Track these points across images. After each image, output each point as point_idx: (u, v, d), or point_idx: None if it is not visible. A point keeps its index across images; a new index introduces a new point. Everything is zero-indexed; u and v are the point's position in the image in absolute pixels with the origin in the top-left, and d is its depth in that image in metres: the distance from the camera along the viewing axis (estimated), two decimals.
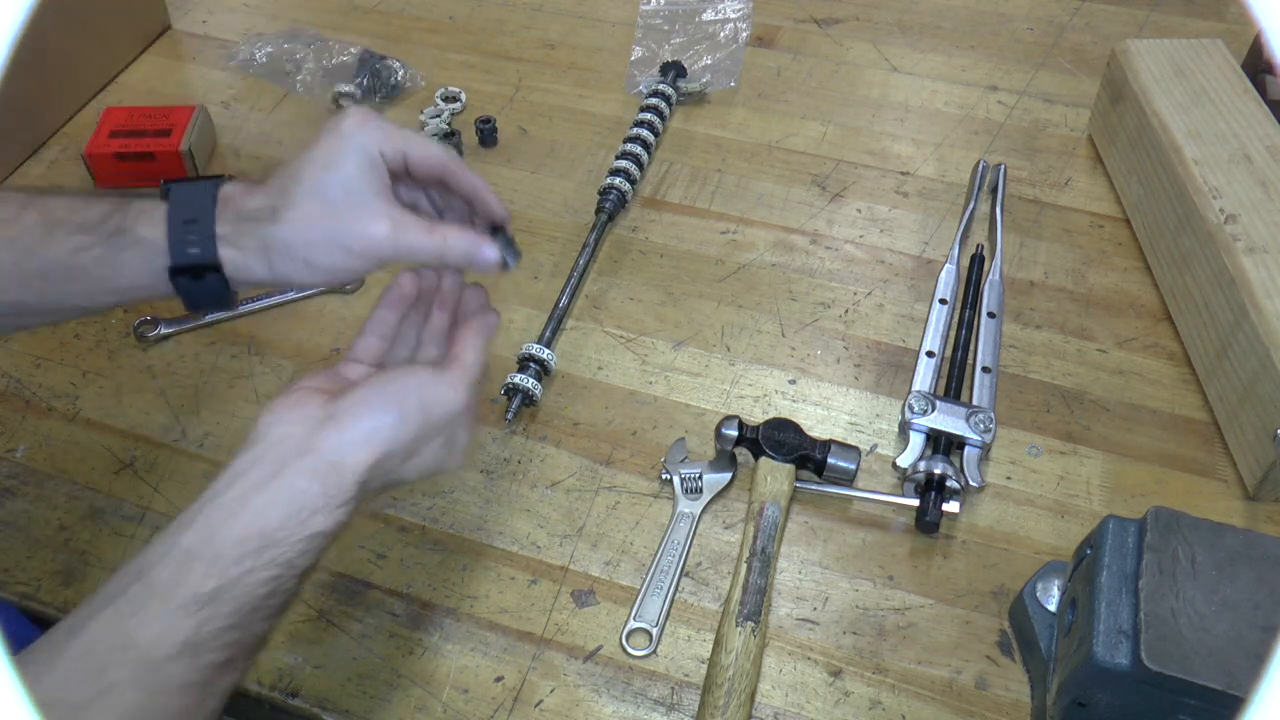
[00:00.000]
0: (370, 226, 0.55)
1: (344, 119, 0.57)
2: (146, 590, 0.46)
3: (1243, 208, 0.78)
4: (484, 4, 1.20)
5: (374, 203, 0.56)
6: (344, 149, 0.56)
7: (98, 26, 1.07)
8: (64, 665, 0.44)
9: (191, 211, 0.56)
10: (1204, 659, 0.50)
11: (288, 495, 0.49)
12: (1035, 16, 1.17)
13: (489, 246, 0.59)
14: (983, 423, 0.73)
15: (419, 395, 0.54)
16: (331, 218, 0.55)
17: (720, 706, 0.59)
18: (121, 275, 0.56)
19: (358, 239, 0.55)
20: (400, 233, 0.56)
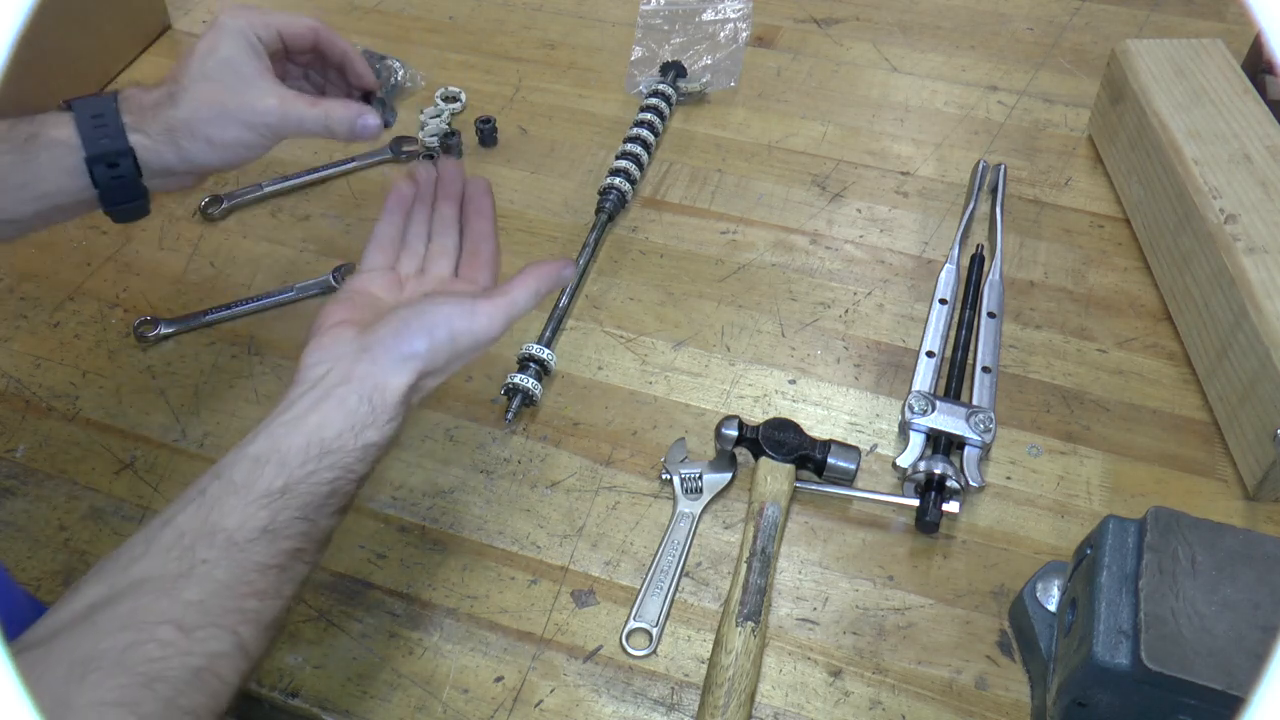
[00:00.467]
0: (259, 101, 0.63)
1: (222, 14, 0.65)
2: (225, 488, 0.51)
3: (1243, 208, 0.78)
4: (484, 4, 1.20)
5: (259, 81, 0.64)
6: (222, 36, 0.63)
7: (98, 26, 1.07)
8: (158, 549, 0.49)
9: (96, 109, 0.62)
10: (1204, 659, 0.50)
11: (341, 413, 0.55)
12: (1035, 16, 1.17)
13: (369, 114, 0.66)
14: (983, 423, 0.73)
15: (449, 326, 0.58)
16: (223, 95, 0.62)
17: (720, 706, 0.59)
18: (39, 178, 0.61)
19: (250, 112, 0.63)
20: (287, 105, 0.63)
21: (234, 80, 0.63)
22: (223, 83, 0.63)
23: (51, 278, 0.89)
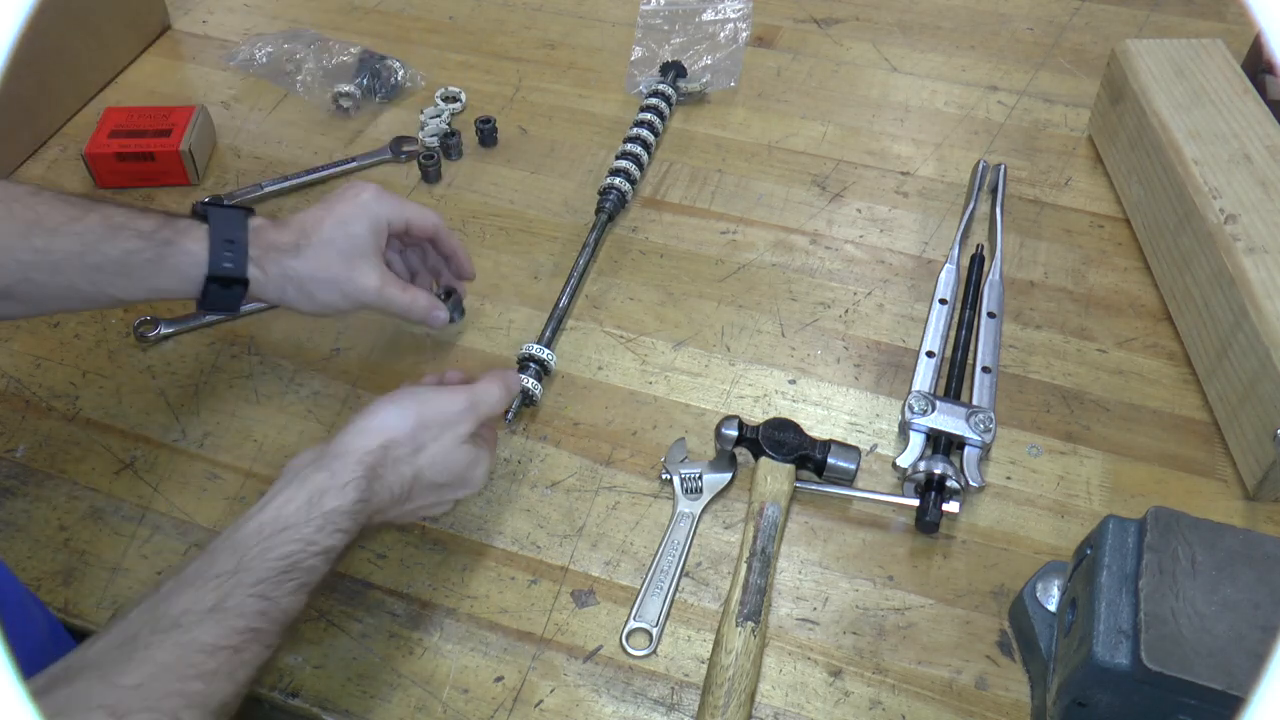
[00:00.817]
0: (365, 279, 0.70)
1: (365, 190, 0.72)
2: (178, 581, 0.51)
3: (1243, 208, 0.78)
4: (484, 4, 1.20)
5: (371, 260, 0.71)
6: (360, 214, 0.70)
7: (98, 26, 1.07)
8: (105, 641, 0.48)
9: (229, 233, 0.67)
10: (1204, 659, 0.50)
11: (303, 490, 0.55)
12: (1035, 16, 1.17)
13: (440, 309, 0.75)
14: (983, 423, 0.73)
15: (416, 397, 0.62)
16: (339, 267, 0.69)
17: (720, 706, 0.59)
18: (162, 277, 0.66)
19: (354, 287, 0.70)
20: (385, 288, 0.71)
21: (353, 254, 0.70)
22: (343, 254, 0.69)
23: None
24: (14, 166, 0.99)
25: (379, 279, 0.71)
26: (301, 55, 1.09)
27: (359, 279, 0.70)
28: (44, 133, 1.02)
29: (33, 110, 1.01)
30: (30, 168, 0.99)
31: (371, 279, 0.70)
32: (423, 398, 0.62)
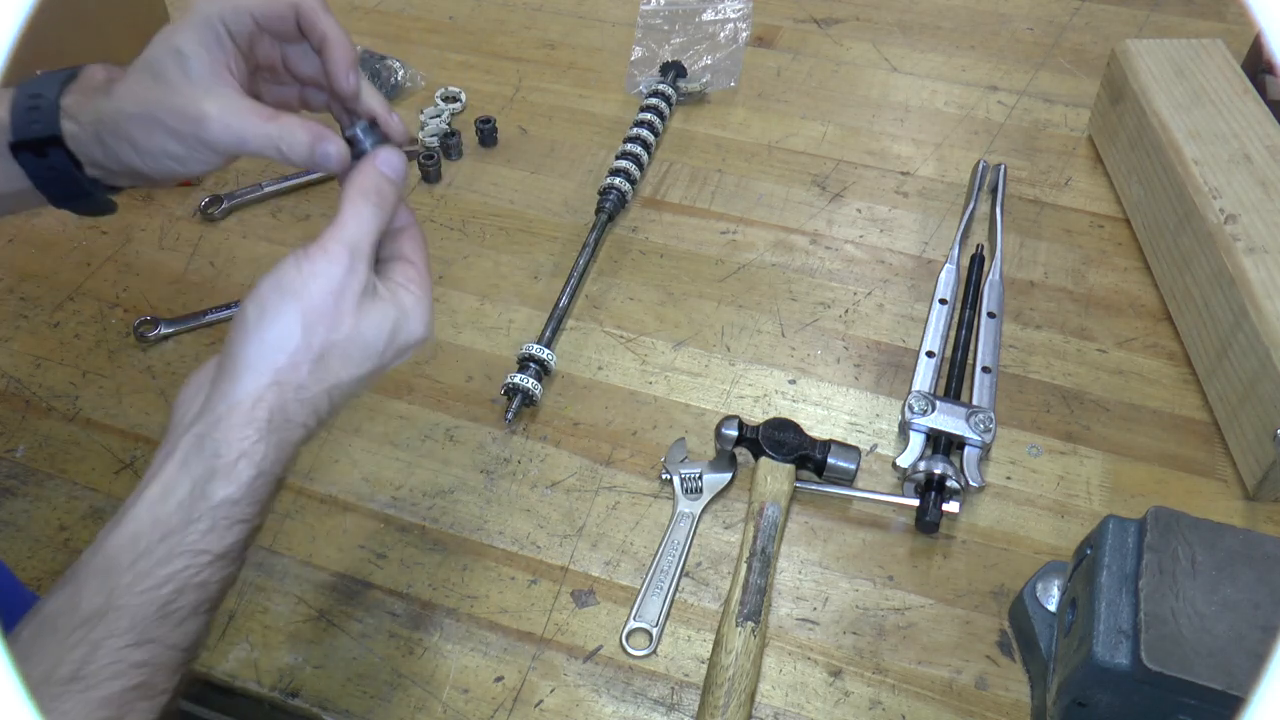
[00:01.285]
0: (195, 104, 0.50)
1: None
2: (39, 625, 0.40)
3: (1243, 208, 0.78)
4: (484, 4, 1.20)
5: (205, 84, 0.50)
6: (185, 24, 0.52)
7: (98, 26, 1.07)
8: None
9: (38, 88, 0.53)
10: (1204, 659, 0.50)
11: (183, 472, 0.42)
12: (1035, 16, 1.17)
13: (330, 140, 0.51)
14: (983, 423, 0.73)
15: (285, 288, 0.46)
16: (156, 93, 0.50)
17: (720, 706, 0.59)
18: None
19: (178, 118, 0.50)
20: (229, 115, 0.50)
21: (177, 78, 0.51)
22: (163, 79, 0.51)
23: (51, 278, 0.89)
24: None
25: (218, 103, 0.50)
26: None
27: (183, 106, 0.50)
28: None
29: None
30: None
31: (206, 103, 0.50)
32: (293, 283, 0.46)
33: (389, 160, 0.52)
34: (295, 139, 0.51)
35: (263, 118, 0.51)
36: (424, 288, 0.51)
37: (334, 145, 0.52)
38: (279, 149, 0.51)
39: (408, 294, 0.50)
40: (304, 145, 0.51)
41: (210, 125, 0.50)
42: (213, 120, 0.50)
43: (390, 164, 0.52)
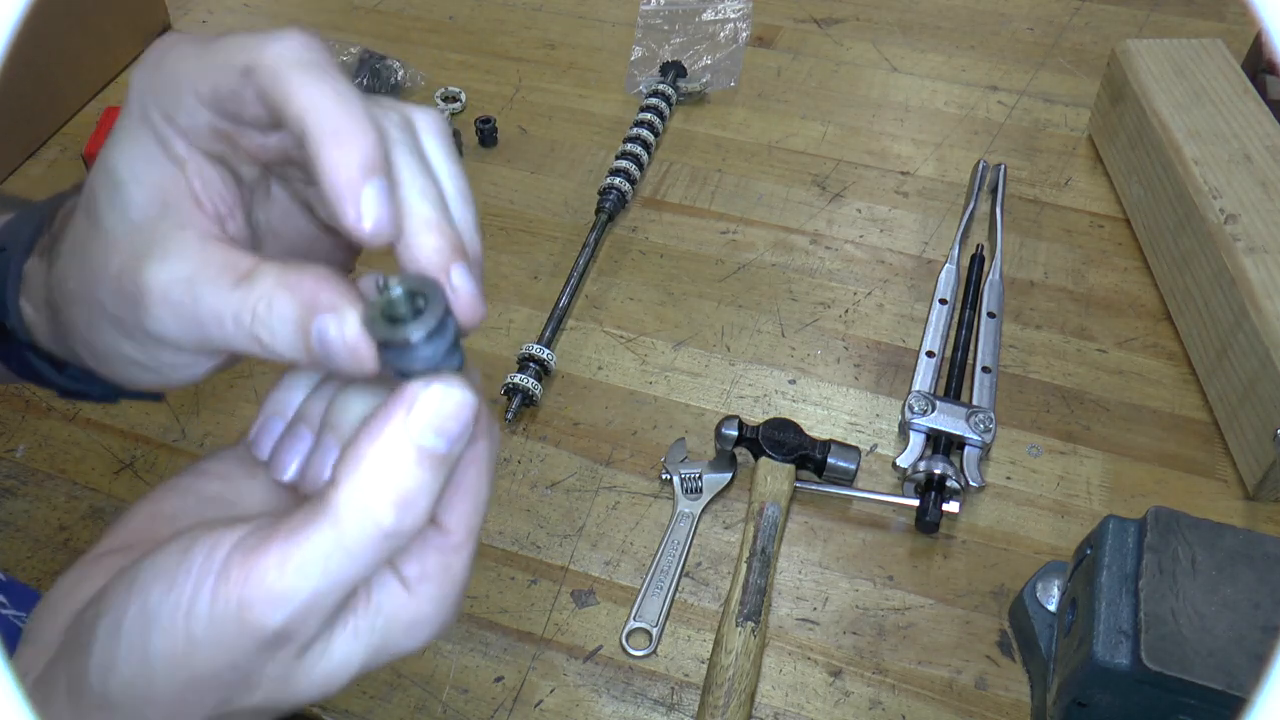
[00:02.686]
0: (132, 271, 0.30)
1: (140, 65, 0.31)
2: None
3: (1243, 208, 0.78)
4: (484, 4, 1.20)
5: (152, 222, 0.31)
6: (122, 116, 0.31)
7: (98, 26, 1.07)
8: None
9: (7, 238, 0.37)
10: (1204, 659, 0.50)
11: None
12: (1035, 16, 1.17)
13: (339, 315, 0.28)
14: (983, 423, 0.73)
15: (144, 624, 0.28)
16: (93, 250, 0.31)
17: (720, 706, 0.59)
18: None
19: (118, 298, 0.30)
20: (178, 286, 0.30)
21: (112, 222, 0.31)
22: (98, 225, 0.31)
23: None
24: (14, 167, 0.99)
25: (169, 267, 0.30)
26: None
27: (126, 276, 0.30)
28: (44, 133, 1.02)
29: (33, 110, 1.01)
30: (30, 168, 0.99)
31: (150, 269, 0.30)
32: (173, 619, 0.27)
33: (447, 409, 0.28)
34: (275, 316, 0.29)
35: (229, 282, 0.29)
36: (451, 578, 0.31)
37: (340, 324, 0.28)
38: (257, 338, 0.29)
39: (412, 599, 0.30)
40: (289, 325, 0.29)
41: (151, 309, 0.30)
42: (153, 298, 0.29)
43: (452, 416, 0.28)
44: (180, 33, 0.33)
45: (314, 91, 0.29)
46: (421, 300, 0.29)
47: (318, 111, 0.29)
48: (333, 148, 0.28)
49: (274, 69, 0.29)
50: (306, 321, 0.29)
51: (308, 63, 0.29)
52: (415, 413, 0.28)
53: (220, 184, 0.32)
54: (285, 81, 0.29)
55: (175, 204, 0.31)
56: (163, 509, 0.33)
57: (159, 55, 0.31)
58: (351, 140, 0.28)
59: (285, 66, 0.29)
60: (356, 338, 0.28)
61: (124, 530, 0.33)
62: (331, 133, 0.28)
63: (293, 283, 0.29)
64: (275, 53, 0.29)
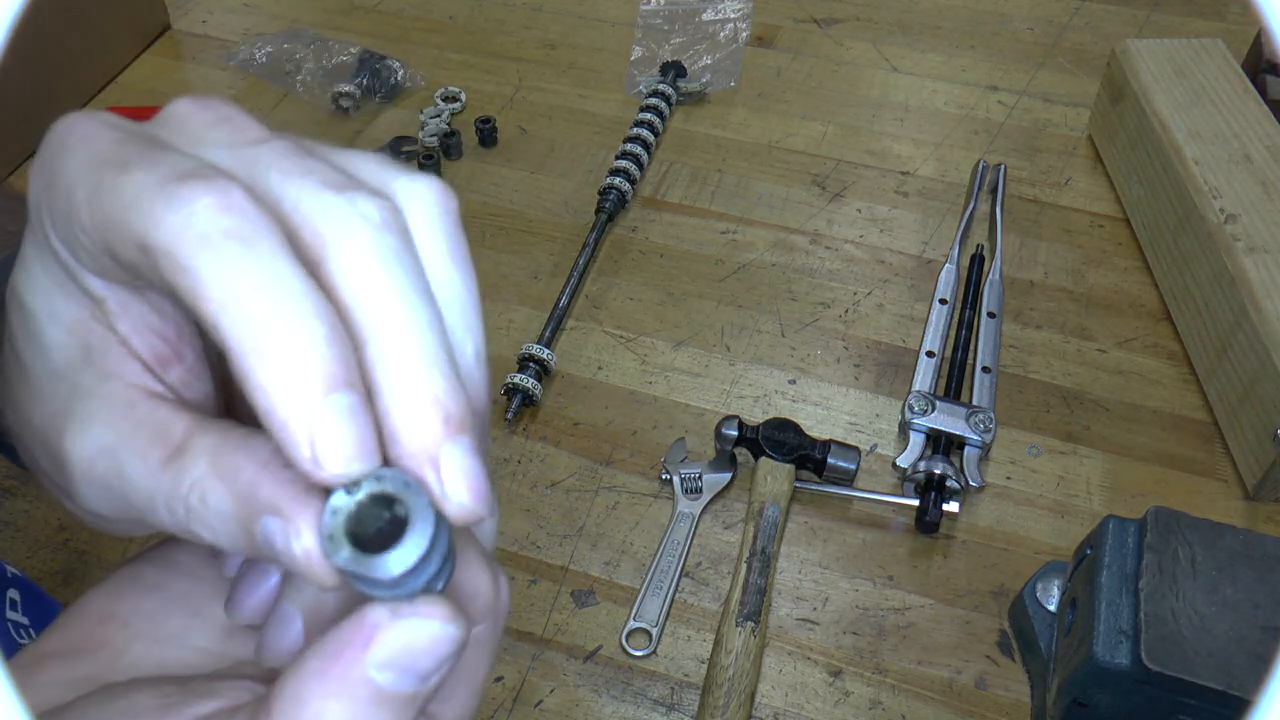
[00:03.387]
0: (54, 433, 0.25)
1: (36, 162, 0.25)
2: None
3: (1243, 208, 0.78)
4: (484, 4, 1.20)
5: (74, 368, 0.25)
6: (33, 251, 0.25)
7: (98, 26, 1.07)
8: None
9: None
10: (1204, 659, 0.50)
11: None
12: (1035, 16, 1.17)
13: (276, 522, 0.22)
14: (983, 423, 0.73)
15: None
16: (29, 402, 0.26)
17: (720, 706, 0.59)
18: None
19: (48, 456, 0.25)
20: (103, 458, 0.24)
21: (32, 359, 0.25)
22: (19, 361, 0.26)
23: None
24: (14, 167, 0.99)
25: (89, 431, 0.24)
26: (301, 55, 1.09)
27: (50, 435, 0.25)
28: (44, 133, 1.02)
29: (33, 110, 1.01)
30: (30, 168, 0.99)
31: (71, 434, 0.24)
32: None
33: (420, 644, 0.22)
34: (210, 511, 0.23)
35: (159, 458, 0.23)
36: None
37: (287, 536, 0.22)
38: (194, 534, 0.23)
39: None
40: (228, 522, 0.23)
41: (76, 483, 0.24)
42: (75, 471, 0.24)
43: (426, 653, 0.22)
44: (90, 118, 0.24)
45: (228, 291, 0.21)
46: (402, 510, 0.22)
47: (238, 319, 0.21)
48: (264, 370, 0.21)
49: (173, 257, 0.21)
50: (248, 521, 0.22)
51: (218, 240, 0.21)
52: (376, 649, 0.21)
53: (156, 317, 0.25)
54: (188, 278, 0.21)
55: (99, 348, 0.25)
56: (119, 610, 0.27)
57: (51, 158, 0.24)
58: (289, 353, 0.21)
59: (189, 251, 0.21)
60: (308, 555, 0.22)
61: (74, 629, 0.27)
62: (258, 349, 0.21)
63: (228, 469, 0.22)
64: (175, 228, 0.21)
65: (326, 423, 0.21)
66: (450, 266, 0.25)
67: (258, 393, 0.21)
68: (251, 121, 0.25)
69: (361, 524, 0.22)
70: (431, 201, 0.25)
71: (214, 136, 0.24)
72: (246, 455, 0.23)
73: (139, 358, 0.25)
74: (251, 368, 0.21)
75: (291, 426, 0.21)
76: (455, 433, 0.22)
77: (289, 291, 0.21)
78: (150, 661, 0.27)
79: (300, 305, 0.21)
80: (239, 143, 0.24)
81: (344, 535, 0.21)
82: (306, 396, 0.21)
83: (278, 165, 0.23)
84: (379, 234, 0.23)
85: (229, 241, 0.21)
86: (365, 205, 0.23)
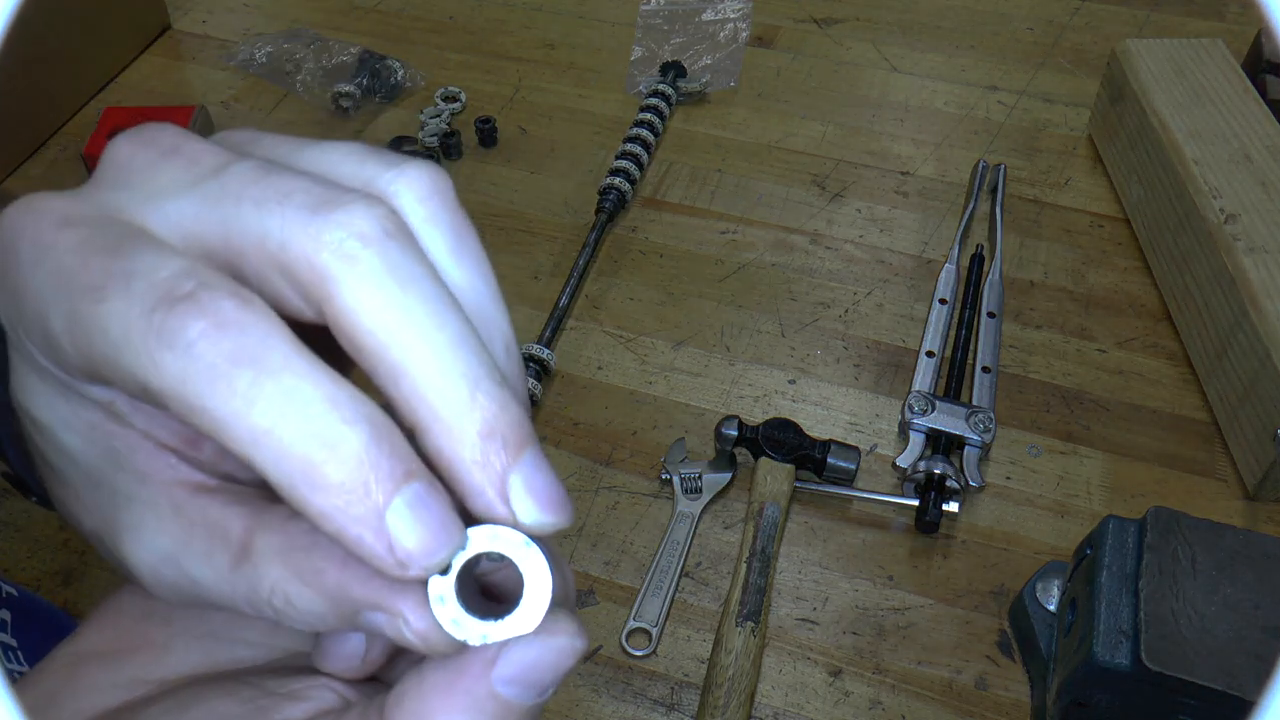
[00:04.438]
0: (119, 549, 0.23)
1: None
2: None
3: (1243, 208, 0.78)
4: (484, 4, 1.20)
5: (118, 480, 0.23)
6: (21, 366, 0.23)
7: (98, 26, 1.07)
8: None
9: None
10: (1204, 659, 0.50)
11: None
12: (1035, 16, 1.17)
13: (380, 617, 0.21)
14: (982, 423, 0.73)
15: None
16: (72, 504, 0.24)
17: (720, 706, 0.59)
18: None
19: (118, 567, 0.23)
20: (163, 561, 0.22)
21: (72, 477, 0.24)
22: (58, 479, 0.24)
23: None
24: (14, 167, 0.99)
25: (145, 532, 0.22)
26: (301, 55, 1.09)
27: (105, 528, 0.23)
28: (44, 133, 1.02)
29: (32, 110, 1.01)
30: (30, 168, 0.99)
31: (129, 534, 0.22)
32: None
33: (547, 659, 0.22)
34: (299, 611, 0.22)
35: (225, 563, 0.22)
36: None
37: (395, 627, 0.21)
38: (281, 624, 0.22)
39: None
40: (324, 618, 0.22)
41: (150, 587, 0.23)
42: (145, 580, 0.23)
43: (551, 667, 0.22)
44: (27, 214, 0.21)
45: (257, 419, 0.19)
46: (498, 560, 0.22)
47: (273, 453, 0.20)
48: (318, 499, 0.20)
49: (184, 398, 0.20)
50: (349, 618, 0.22)
51: (229, 368, 0.19)
52: (504, 665, 0.22)
53: None
54: (208, 416, 0.20)
55: (124, 449, 0.23)
56: (157, 606, 0.26)
57: (7, 270, 0.21)
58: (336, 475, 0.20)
59: (197, 389, 0.19)
60: (426, 639, 0.21)
61: (111, 627, 0.26)
62: (307, 479, 0.20)
63: (308, 574, 0.21)
64: (177, 368, 0.19)
65: (398, 527, 0.20)
66: (461, 259, 0.23)
67: (319, 520, 0.20)
68: (203, 147, 0.22)
69: (465, 590, 0.21)
70: (427, 191, 0.23)
71: (168, 178, 0.22)
72: (323, 557, 0.21)
73: (168, 447, 0.23)
74: (305, 499, 0.20)
75: (367, 543, 0.20)
76: (515, 455, 0.22)
77: (318, 406, 0.20)
78: (196, 658, 0.26)
79: (335, 415, 0.20)
80: (197, 179, 0.21)
81: (464, 613, 0.21)
82: (369, 511, 0.20)
83: (248, 195, 0.21)
84: (381, 251, 0.21)
85: (239, 369, 0.19)
86: (358, 220, 0.21)
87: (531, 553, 0.22)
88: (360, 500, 0.20)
